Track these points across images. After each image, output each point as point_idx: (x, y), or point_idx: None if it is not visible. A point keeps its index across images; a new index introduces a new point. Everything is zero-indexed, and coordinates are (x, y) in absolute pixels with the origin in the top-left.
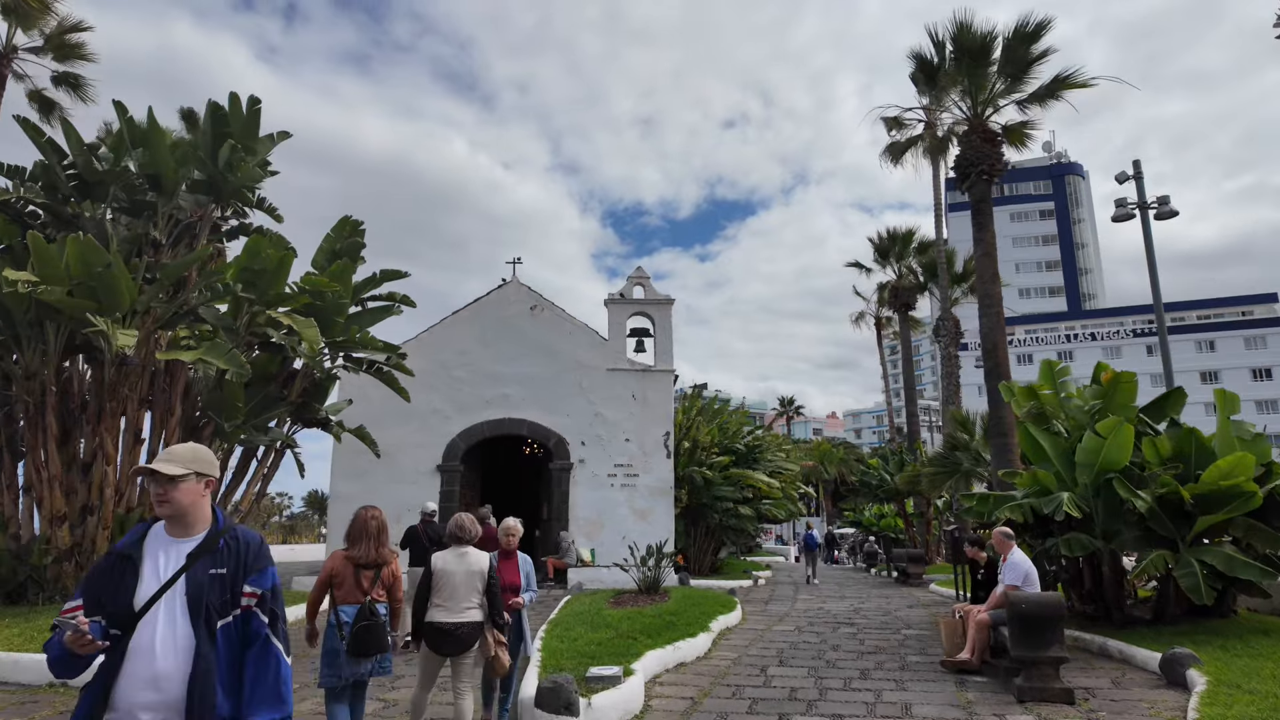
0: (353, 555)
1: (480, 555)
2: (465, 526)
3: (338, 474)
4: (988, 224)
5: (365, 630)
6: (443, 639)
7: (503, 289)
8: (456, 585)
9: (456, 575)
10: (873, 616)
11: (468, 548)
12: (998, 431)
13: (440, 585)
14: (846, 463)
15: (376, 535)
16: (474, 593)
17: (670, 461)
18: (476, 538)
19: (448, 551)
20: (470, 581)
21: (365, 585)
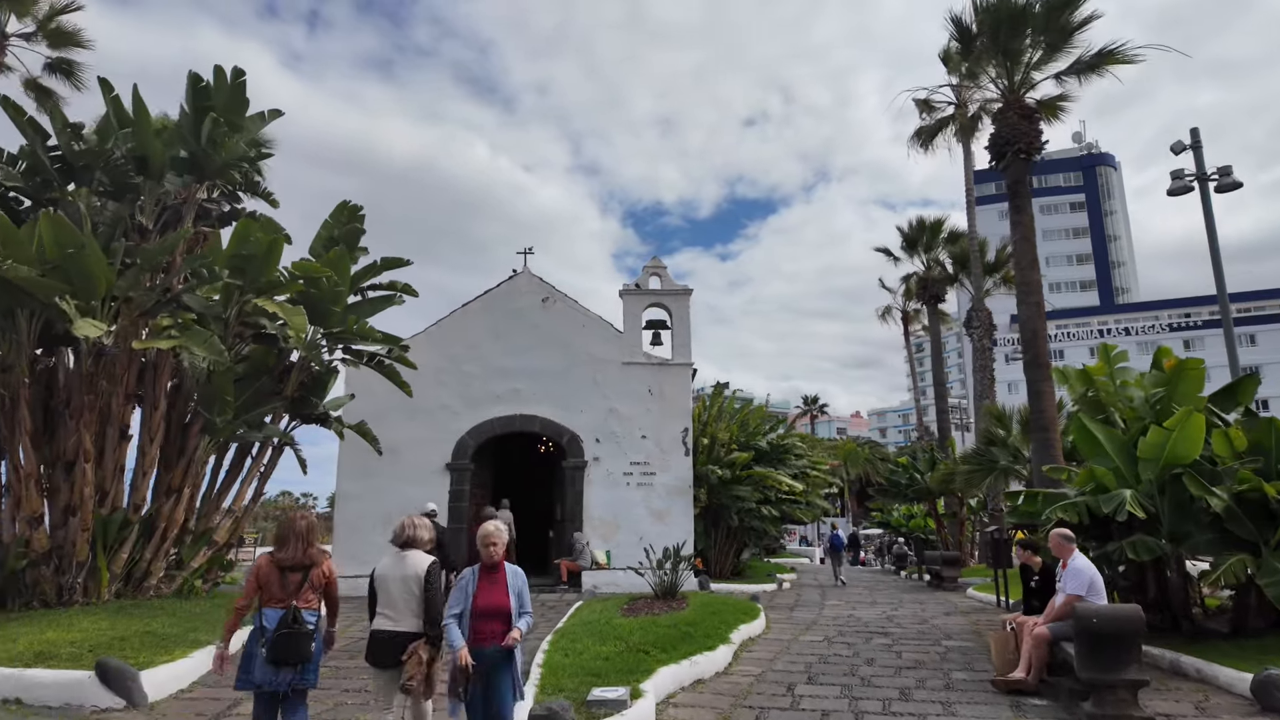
0: (278, 557)
1: (418, 559)
2: (402, 527)
3: (344, 473)
4: (1025, 206)
5: (285, 638)
6: (379, 649)
7: (513, 280)
8: (394, 593)
9: (393, 582)
10: (908, 625)
11: (409, 551)
12: (1039, 426)
13: (381, 593)
14: (872, 462)
15: (305, 535)
16: (412, 599)
17: (689, 460)
18: (421, 541)
19: (389, 556)
20: (406, 587)
21: (291, 589)
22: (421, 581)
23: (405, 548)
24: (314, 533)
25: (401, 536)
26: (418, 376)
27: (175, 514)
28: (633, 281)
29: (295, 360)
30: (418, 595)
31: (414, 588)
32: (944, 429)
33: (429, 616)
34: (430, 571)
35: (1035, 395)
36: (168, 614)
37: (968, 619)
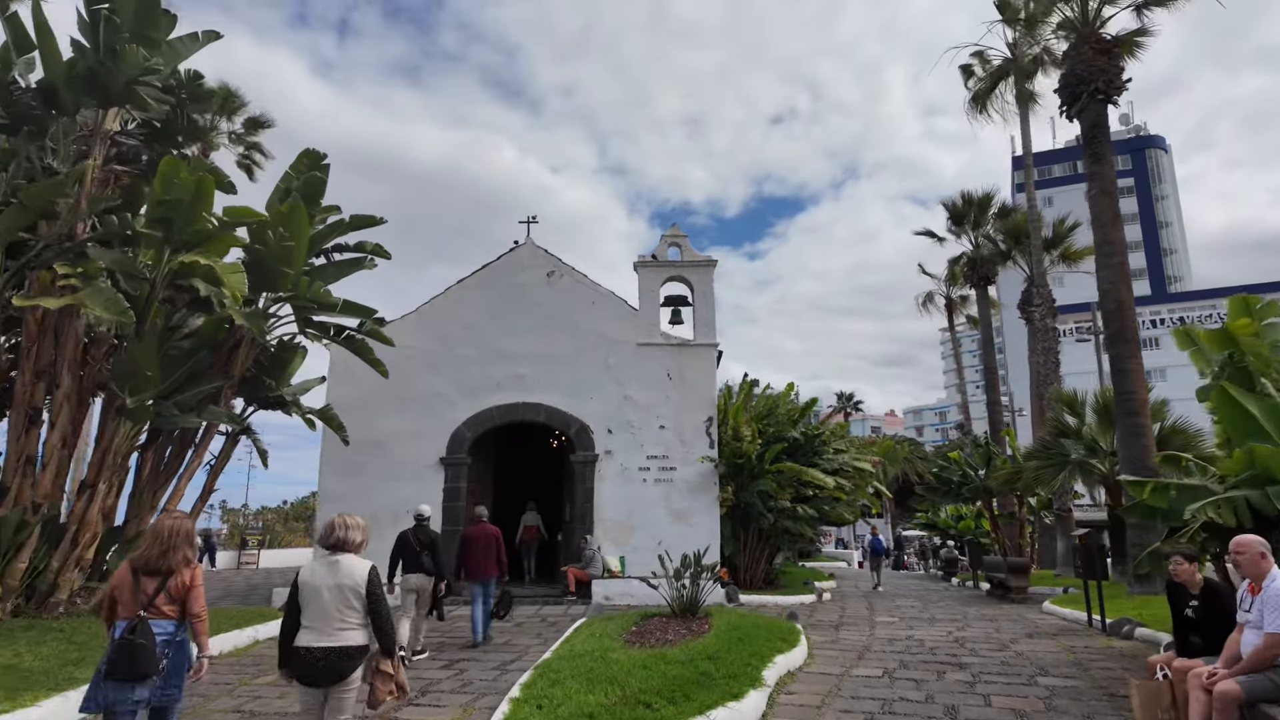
0: (135, 562)
1: (354, 565)
2: (331, 527)
3: (326, 470)
4: (1105, 154)
5: (120, 650)
6: (307, 668)
7: (514, 252)
8: (325, 601)
9: (324, 589)
10: (985, 653)
11: (341, 555)
12: (1127, 410)
13: (306, 601)
14: (911, 461)
15: (167, 540)
16: (349, 610)
17: (714, 452)
18: (352, 543)
19: (316, 560)
20: (341, 597)
21: (144, 597)
22: (362, 593)
23: (335, 550)
24: (180, 537)
25: (330, 537)
26: (408, 362)
27: (90, 514)
28: (649, 253)
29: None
30: (357, 608)
31: (352, 599)
32: (995, 422)
33: (381, 627)
34: (373, 580)
35: (1121, 374)
36: (62, 639)
37: (1058, 644)
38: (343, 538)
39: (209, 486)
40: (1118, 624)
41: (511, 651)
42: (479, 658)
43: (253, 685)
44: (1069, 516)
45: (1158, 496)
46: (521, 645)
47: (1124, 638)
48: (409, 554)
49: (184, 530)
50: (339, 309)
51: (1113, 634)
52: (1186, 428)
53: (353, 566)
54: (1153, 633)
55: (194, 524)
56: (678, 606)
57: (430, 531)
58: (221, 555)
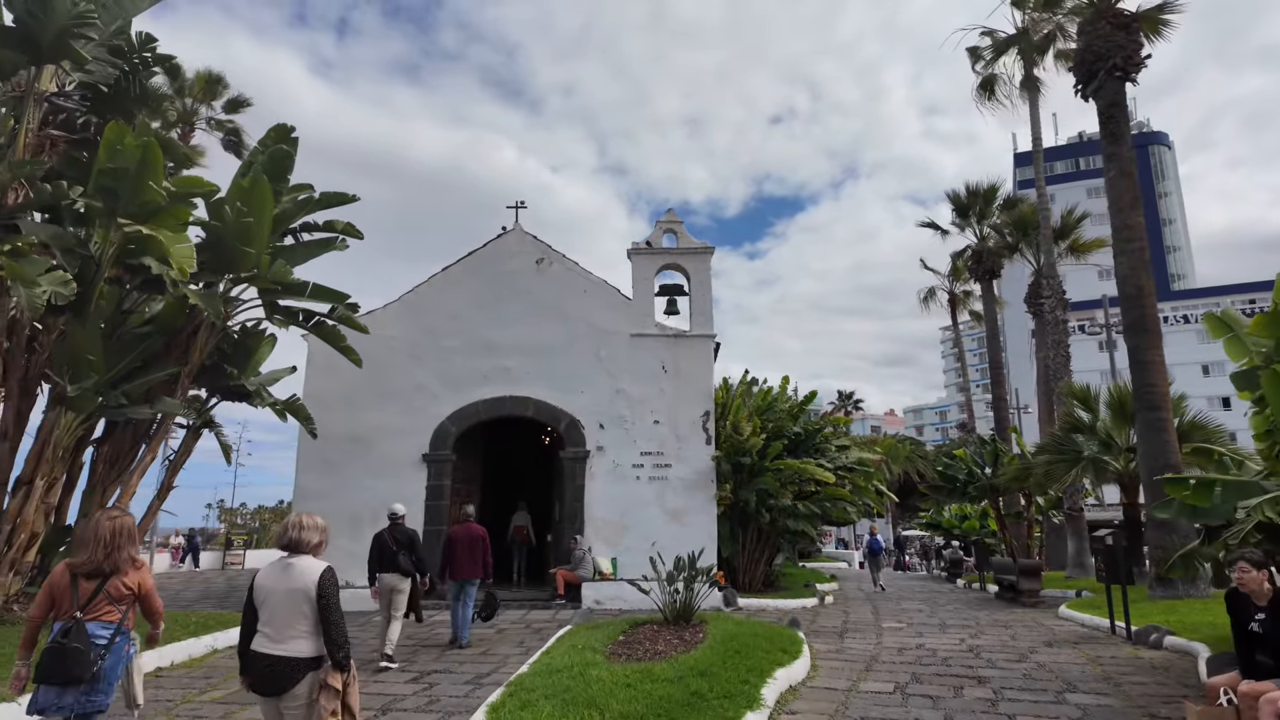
0: (73, 562)
1: (308, 567)
2: (286, 527)
3: (304, 466)
4: (1123, 135)
5: (51, 654)
6: (257, 675)
7: (502, 239)
8: (277, 606)
9: (277, 593)
10: (1004, 664)
11: (296, 557)
12: (1148, 404)
13: (261, 606)
14: (912, 460)
15: (109, 540)
16: (299, 617)
17: (711, 448)
18: (307, 544)
19: (273, 562)
20: (293, 602)
21: (82, 599)
22: (313, 597)
23: (292, 552)
24: (121, 536)
25: (285, 538)
26: (390, 353)
27: (26, 513)
28: (643, 240)
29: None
30: (308, 614)
31: (303, 604)
32: (1001, 419)
33: (332, 637)
34: (325, 583)
35: (1141, 366)
36: None
37: (1081, 654)
38: (297, 538)
39: (167, 483)
40: (1144, 632)
41: (489, 661)
42: (452, 669)
43: (195, 702)
44: (1080, 516)
45: (1201, 494)
46: (501, 654)
47: (1152, 647)
48: (386, 554)
49: (126, 528)
50: (308, 293)
51: (1139, 643)
52: (1207, 423)
53: (305, 569)
54: (1184, 642)
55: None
56: (670, 613)
57: (407, 530)
58: (206, 555)
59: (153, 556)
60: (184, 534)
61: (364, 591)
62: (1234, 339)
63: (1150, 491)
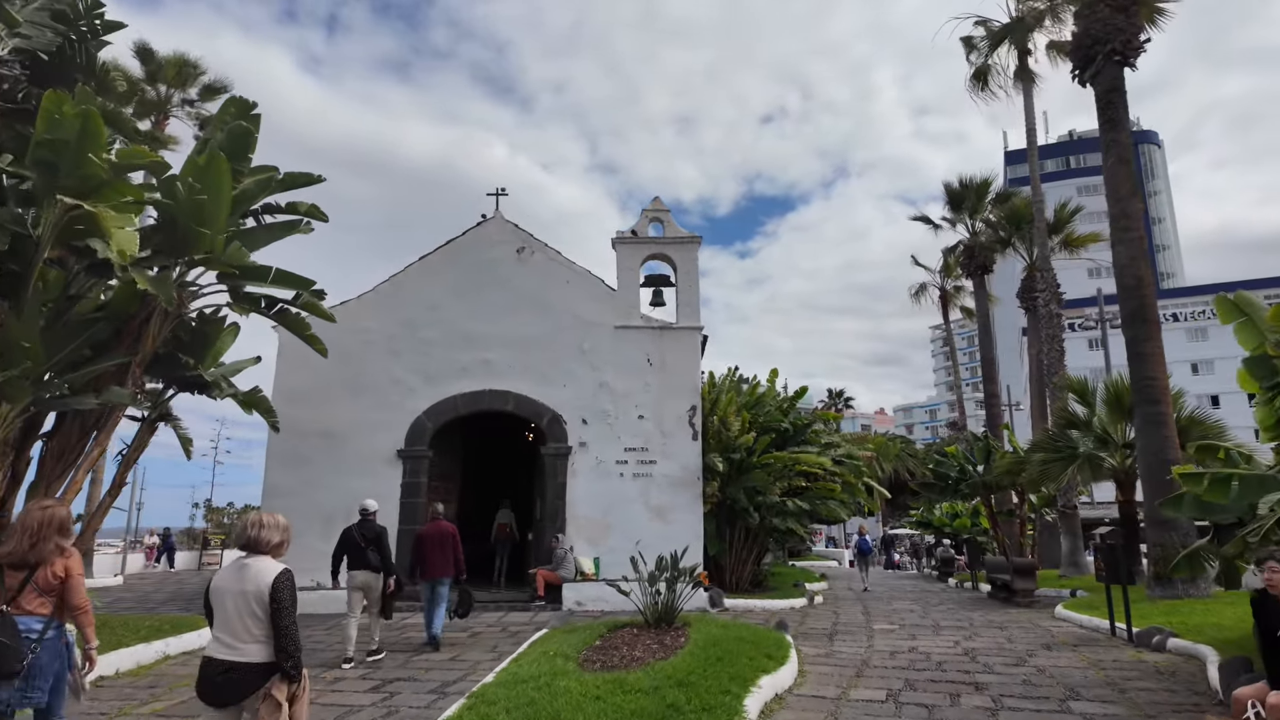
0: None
1: (265, 568)
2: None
3: (274, 462)
4: (1122, 121)
5: None
6: (209, 683)
7: (482, 227)
8: (230, 609)
9: (231, 595)
10: (1002, 669)
11: (254, 557)
12: (1147, 398)
13: (216, 608)
14: (902, 458)
15: (35, 530)
16: (253, 620)
17: (697, 444)
18: (266, 543)
19: (231, 563)
20: (246, 605)
21: (8, 592)
22: (265, 600)
23: (249, 552)
24: (50, 527)
25: (240, 538)
26: (365, 345)
27: None
28: (628, 230)
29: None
30: (262, 618)
31: (255, 607)
32: (993, 416)
33: (281, 645)
34: (279, 586)
35: (1139, 358)
36: None
37: (1082, 658)
38: (255, 537)
39: (119, 479)
40: (1146, 634)
41: (458, 668)
42: (417, 676)
43: (133, 715)
44: (1074, 514)
45: (1217, 490)
46: (471, 660)
47: (1155, 650)
48: (353, 550)
49: (55, 519)
50: (271, 279)
51: (1141, 645)
52: (1205, 418)
53: (260, 570)
54: (1189, 645)
55: (69, 512)
56: (651, 616)
57: (376, 526)
58: (182, 555)
59: (125, 557)
60: (159, 533)
61: (333, 593)
62: (1247, 324)
63: (1150, 488)
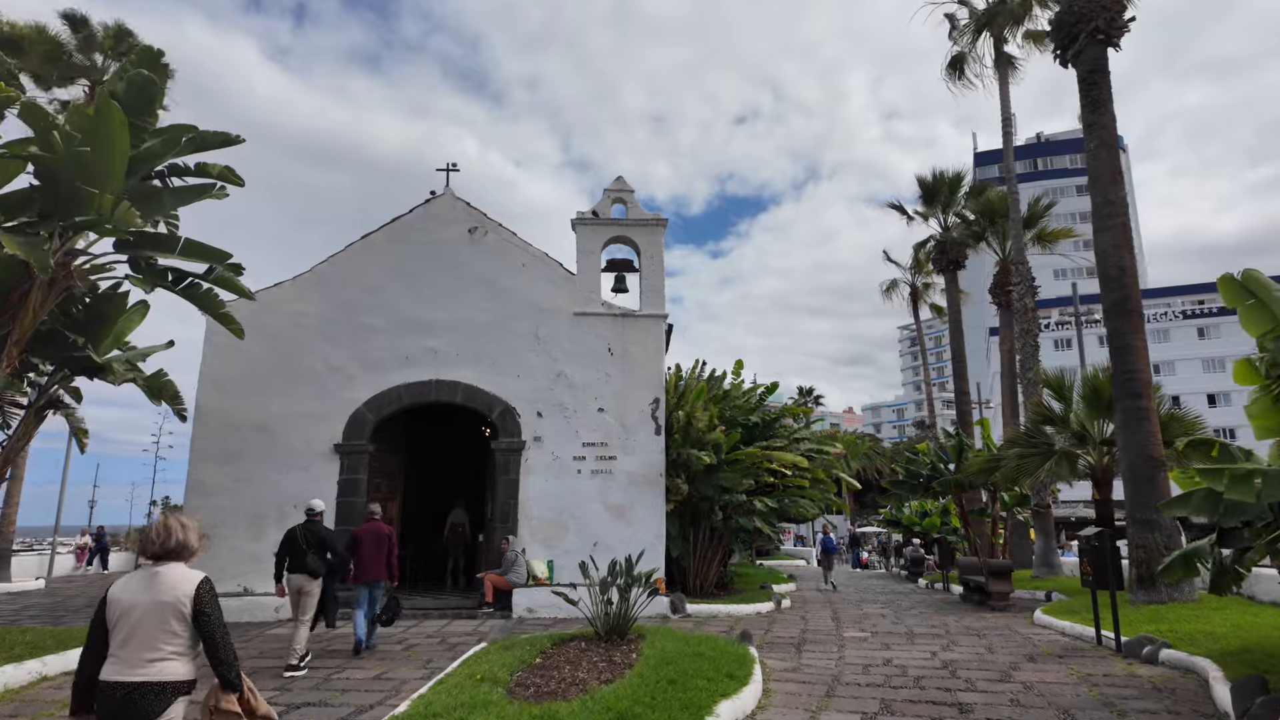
0: None
1: (181, 577)
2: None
3: (198, 457)
4: (1105, 103)
5: None
6: (108, 709)
7: (430, 204)
8: (139, 623)
9: (139, 608)
10: (985, 686)
11: (165, 565)
12: (1128, 392)
13: (115, 624)
14: (870, 457)
15: None
16: (167, 635)
17: (660, 439)
18: (186, 549)
19: (135, 572)
20: (160, 617)
21: None
22: (186, 612)
23: (161, 560)
24: None
25: (155, 545)
26: (301, 331)
27: None
28: (589, 210)
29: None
30: (179, 631)
31: (173, 620)
32: (964, 413)
33: (218, 656)
34: (201, 596)
35: (1122, 352)
36: None
37: (1070, 671)
38: (182, 540)
39: (0, 471)
40: (1136, 644)
41: (379, 689)
42: (329, 700)
43: None
44: (1047, 513)
45: (1239, 487)
46: (398, 679)
47: (1146, 661)
48: (295, 553)
49: None
50: (180, 249)
51: (1131, 656)
52: (1184, 414)
53: (177, 579)
54: (1185, 657)
55: None
56: (602, 628)
57: (321, 528)
58: (118, 556)
59: (52, 558)
60: (91, 533)
61: (264, 599)
62: (1256, 306)
63: (1133, 486)
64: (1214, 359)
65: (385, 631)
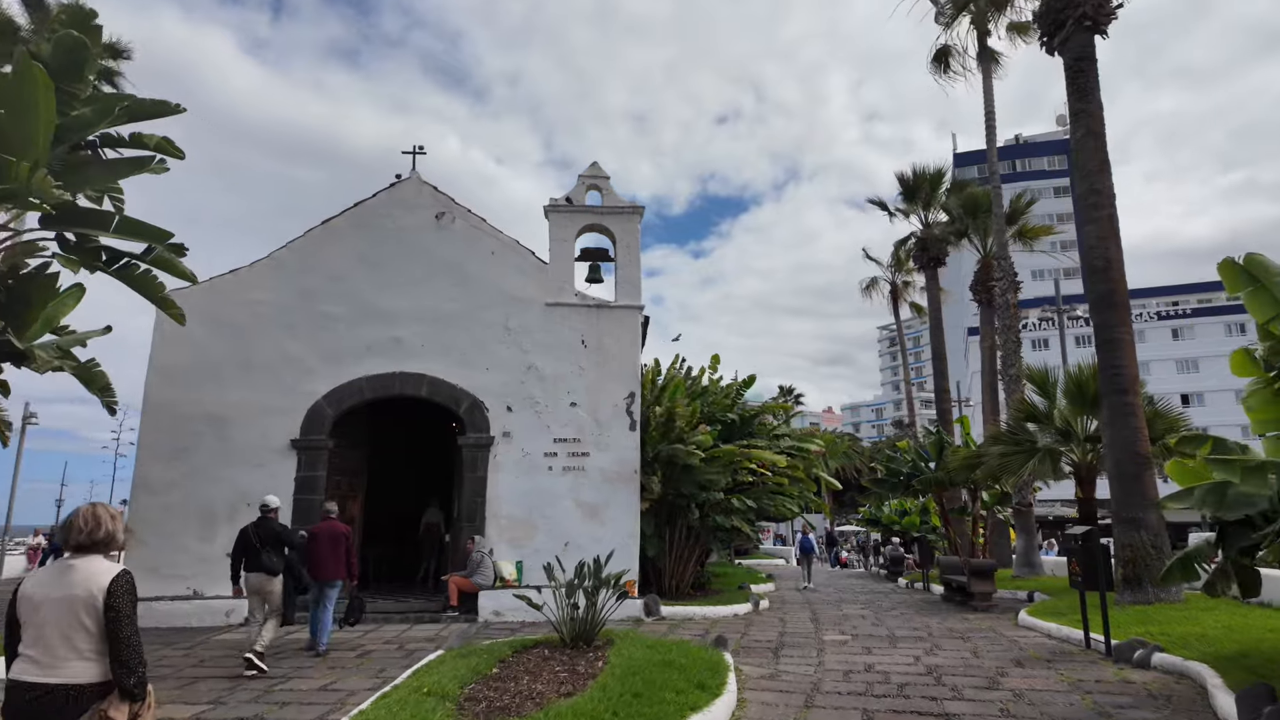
0: None
1: (96, 570)
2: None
3: (146, 454)
4: (1092, 91)
5: None
6: (16, 711)
7: (395, 189)
8: (45, 621)
9: (49, 603)
10: (973, 694)
11: (81, 558)
12: (1115, 388)
13: (26, 621)
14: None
15: None
16: (80, 633)
17: (636, 435)
18: (109, 540)
19: (49, 565)
20: (70, 614)
21: None
22: (98, 607)
23: (80, 552)
24: None
25: (82, 534)
26: (257, 320)
27: None
28: (562, 196)
29: None
30: (92, 629)
31: (84, 616)
32: (944, 411)
33: (123, 659)
34: (116, 590)
35: (1109, 345)
36: None
37: (1060, 677)
38: (95, 532)
39: None
40: (1126, 648)
41: (324, 701)
42: (264, 716)
43: None
44: (1028, 511)
45: (1253, 478)
46: (346, 689)
47: (1138, 666)
48: (250, 551)
49: None
50: (115, 227)
51: (1122, 661)
52: (1168, 411)
53: (90, 572)
54: (1179, 662)
55: None
56: (568, 633)
57: (275, 525)
58: None
59: (0, 558)
60: (46, 534)
61: (215, 603)
62: (1259, 291)
63: (1119, 484)
64: (1188, 359)
65: (343, 636)
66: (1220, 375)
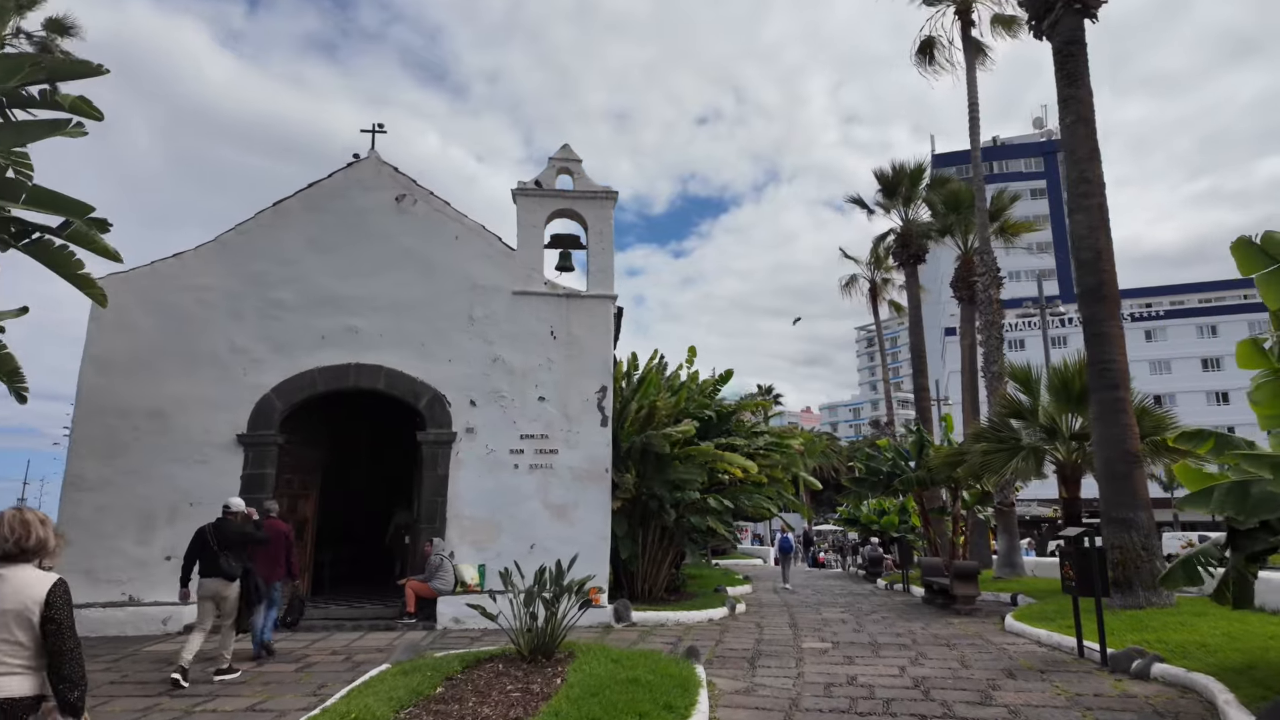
0: None
1: (28, 580)
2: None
3: (80, 448)
4: (1082, 76)
5: None
6: None
7: (352, 169)
8: None
9: None
10: (965, 710)
11: (10, 568)
12: (1105, 383)
13: None
14: (828, 455)
15: None
16: (12, 646)
17: (607, 431)
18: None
19: None
20: (3, 626)
21: None
22: (35, 620)
23: (9, 561)
24: None
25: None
26: (202, 307)
27: None
28: (531, 180)
29: None
30: (25, 641)
31: (17, 629)
32: (923, 409)
33: (64, 673)
34: (54, 601)
35: (1098, 339)
36: None
37: (1056, 689)
38: (24, 540)
39: None
40: (1124, 657)
41: None
42: None
43: None
44: (1010, 511)
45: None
46: (277, 709)
47: (1136, 677)
48: (206, 554)
49: None
50: (24, 198)
51: (1119, 671)
52: (1154, 407)
53: (25, 583)
54: (1181, 673)
55: None
56: (525, 645)
57: (234, 528)
58: None
59: None
60: None
61: (151, 610)
62: (1277, 272)
63: (1108, 483)
64: (1160, 360)
65: (287, 646)
66: (1192, 376)
